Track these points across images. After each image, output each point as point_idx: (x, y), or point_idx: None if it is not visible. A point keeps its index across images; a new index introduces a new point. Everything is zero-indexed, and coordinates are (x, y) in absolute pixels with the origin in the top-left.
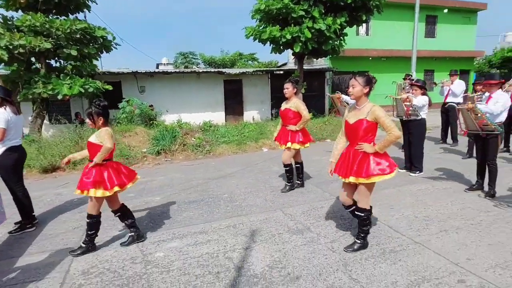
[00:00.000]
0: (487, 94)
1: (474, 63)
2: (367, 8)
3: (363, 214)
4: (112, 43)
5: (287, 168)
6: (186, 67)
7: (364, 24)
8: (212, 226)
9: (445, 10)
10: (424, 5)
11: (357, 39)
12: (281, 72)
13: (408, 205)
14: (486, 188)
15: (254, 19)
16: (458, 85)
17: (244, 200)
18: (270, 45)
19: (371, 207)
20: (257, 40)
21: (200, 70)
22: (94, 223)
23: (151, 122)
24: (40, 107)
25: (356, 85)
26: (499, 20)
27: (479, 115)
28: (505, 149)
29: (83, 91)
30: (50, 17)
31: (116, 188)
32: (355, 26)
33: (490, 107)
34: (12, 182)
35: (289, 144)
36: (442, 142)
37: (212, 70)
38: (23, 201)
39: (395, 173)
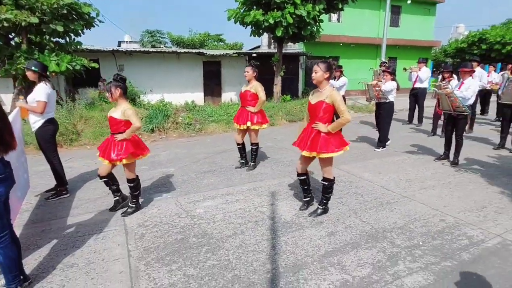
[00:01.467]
0: (452, 82)
1: (432, 52)
2: None
3: (327, 183)
4: (95, 19)
5: (239, 147)
6: (153, 46)
7: (338, 11)
8: (235, 190)
9: (409, 1)
10: None
11: (330, 26)
12: (255, 55)
13: (392, 171)
14: (451, 158)
15: (238, 2)
16: (425, 72)
17: (253, 170)
18: (251, 28)
19: (334, 177)
20: (239, 23)
21: (181, 51)
22: (136, 184)
23: (134, 101)
24: (22, 83)
25: (318, 71)
26: (453, 12)
27: (453, 98)
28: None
29: (70, 68)
30: None
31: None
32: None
33: (463, 92)
34: (49, 152)
35: (248, 124)
36: (409, 122)
37: (193, 50)
38: (59, 170)
39: (343, 151)
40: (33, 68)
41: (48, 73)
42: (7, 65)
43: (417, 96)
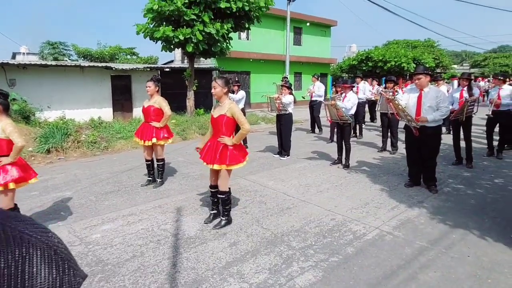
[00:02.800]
0: (343, 94)
1: (330, 68)
2: (248, 17)
3: (224, 196)
4: None
5: (148, 163)
6: (55, 58)
7: (245, 30)
8: (139, 209)
9: (308, 24)
10: (292, 18)
11: (239, 43)
12: (168, 69)
13: (294, 177)
14: (343, 161)
15: (146, 17)
16: (319, 88)
17: (161, 186)
18: (162, 43)
19: (229, 189)
20: (149, 38)
21: (86, 65)
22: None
23: (28, 119)
24: None
25: (217, 86)
26: (348, 33)
27: (338, 109)
28: (353, 135)
29: None
30: None
31: (33, 180)
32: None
33: (345, 103)
34: None
35: (154, 140)
36: (311, 131)
37: (99, 64)
38: None
39: (246, 162)
40: None
41: None
42: None
43: (314, 109)
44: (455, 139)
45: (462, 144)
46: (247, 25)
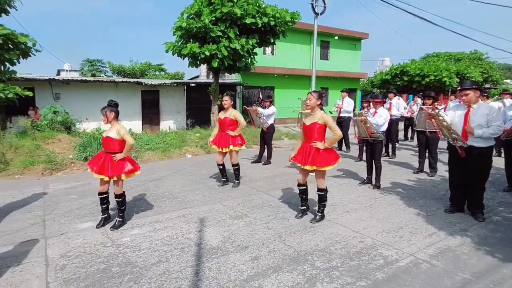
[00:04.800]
0: (372, 110)
1: (360, 83)
2: (274, 32)
3: (322, 193)
4: (32, 49)
5: (221, 167)
6: (93, 75)
7: (270, 45)
8: (164, 217)
9: (336, 37)
10: (319, 32)
11: (264, 58)
12: (194, 84)
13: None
14: (374, 182)
15: (175, 35)
16: (348, 104)
17: (185, 196)
18: (188, 59)
19: (326, 187)
20: (176, 55)
21: (119, 80)
22: (124, 199)
23: (70, 129)
24: None
25: (312, 99)
26: (378, 47)
27: (368, 125)
28: (385, 154)
29: (3, 96)
30: None
31: (138, 172)
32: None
33: (376, 119)
34: None
35: (231, 147)
36: (338, 149)
37: (131, 80)
38: None
39: (337, 164)
40: None
41: None
42: None
43: (342, 125)
44: (508, 162)
45: None
46: (272, 40)
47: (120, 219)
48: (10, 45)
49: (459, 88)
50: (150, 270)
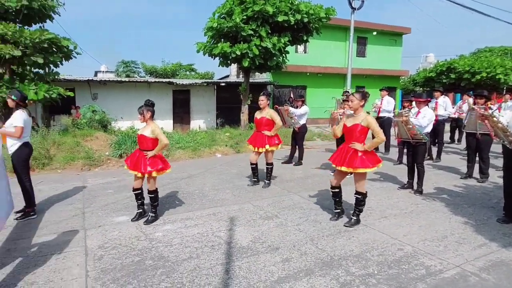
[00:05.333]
0: (413, 110)
1: (400, 81)
2: (307, 29)
3: (360, 196)
4: (73, 52)
5: (253, 166)
6: (127, 75)
7: (303, 43)
8: (195, 214)
9: (374, 33)
10: (356, 28)
11: (296, 56)
12: (224, 84)
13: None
14: (415, 186)
15: (206, 36)
16: (388, 103)
17: (215, 195)
18: (219, 59)
19: (366, 191)
20: (207, 55)
21: (152, 80)
22: (156, 195)
23: (106, 127)
24: (2, 111)
25: (354, 100)
26: (421, 42)
27: (411, 126)
28: (428, 157)
29: (48, 96)
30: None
31: (169, 170)
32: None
33: (419, 120)
34: (23, 174)
35: (267, 147)
36: (377, 151)
37: (163, 80)
38: (29, 191)
39: (376, 168)
40: (12, 97)
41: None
42: None
43: (382, 126)
44: None
45: None
46: (305, 38)
47: (153, 215)
48: (54, 49)
49: None
50: (182, 265)
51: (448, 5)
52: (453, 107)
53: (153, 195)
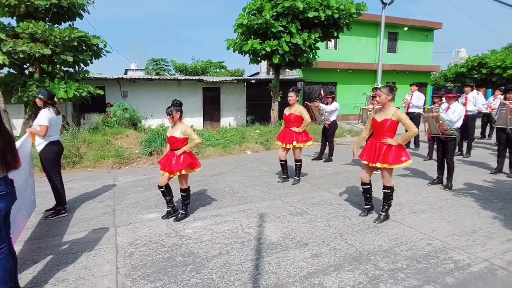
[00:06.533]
0: (443, 106)
1: (431, 77)
2: (337, 25)
3: (388, 191)
4: (103, 50)
5: (283, 163)
6: (157, 73)
7: (334, 39)
8: (225, 211)
9: (405, 28)
10: (387, 23)
11: (326, 53)
12: (254, 81)
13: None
14: (445, 182)
15: (236, 33)
16: (418, 98)
17: (245, 192)
18: (249, 56)
19: (393, 185)
20: (237, 52)
21: (182, 78)
22: (188, 193)
23: (136, 125)
24: (33, 109)
25: (382, 94)
26: (452, 37)
27: (441, 121)
28: (459, 152)
29: (78, 94)
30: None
31: (198, 169)
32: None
33: (449, 115)
34: (52, 172)
35: (294, 143)
36: (406, 146)
37: (193, 77)
38: (59, 190)
39: (410, 162)
40: (40, 95)
41: (56, 99)
42: (20, 92)
43: (412, 121)
44: None
45: None
46: (335, 34)
47: (183, 212)
48: (83, 47)
49: None
50: (212, 261)
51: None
52: (484, 103)
53: (185, 194)
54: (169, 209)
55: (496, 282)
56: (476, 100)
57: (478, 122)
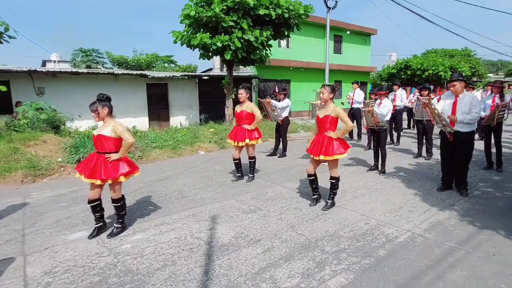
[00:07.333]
0: (378, 101)
1: (370, 77)
2: (288, 25)
3: (334, 181)
4: (4, 35)
5: (236, 161)
6: (88, 66)
7: (285, 38)
8: (172, 218)
9: (348, 32)
10: (332, 26)
11: (279, 51)
12: (206, 77)
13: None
14: (380, 167)
15: (183, 24)
16: (359, 95)
17: (196, 195)
18: (199, 50)
19: (339, 175)
20: (185, 45)
21: (119, 72)
22: (123, 203)
23: (58, 128)
24: None
25: (325, 92)
26: (387, 42)
27: (375, 115)
28: (391, 141)
29: None
30: None
31: (137, 174)
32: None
33: (381, 109)
34: None
35: (247, 141)
36: (350, 138)
37: (134, 72)
38: None
39: (348, 153)
40: None
41: None
42: None
43: (354, 116)
44: (486, 144)
45: (493, 149)
46: (286, 33)
47: (119, 225)
48: None
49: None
50: (154, 276)
51: (405, 11)
52: (407, 99)
53: (118, 204)
54: (100, 224)
55: (415, 248)
56: (402, 96)
57: (405, 115)
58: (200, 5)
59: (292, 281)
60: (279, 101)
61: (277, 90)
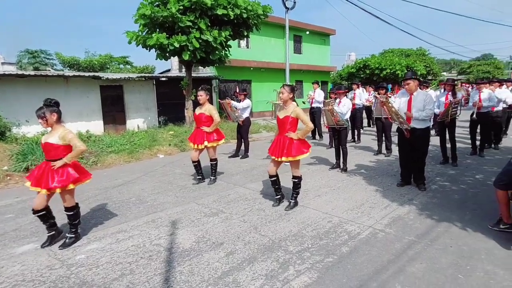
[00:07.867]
0: (337, 100)
1: (330, 76)
2: (247, 25)
3: (296, 180)
4: None
5: (196, 164)
6: (36, 68)
7: (245, 38)
8: (129, 225)
9: (307, 32)
10: (291, 27)
11: (239, 51)
12: (164, 79)
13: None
14: (341, 165)
15: (138, 23)
16: (319, 95)
17: (155, 200)
18: (156, 51)
19: (301, 175)
20: (141, 46)
21: (70, 74)
22: (77, 212)
23: (3, 135)
24: None
25: (285, 92)
26: (346, 43)
27: (335, 114)
28: (352, 140)
29: None
30: None
31: (88, 180)
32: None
33: (341, 108)
34: None
35: (206, 143)
36: (312, 138)
37: (86, 74)
38: None
39: (310, 152)
40: None
41: None
42: None
43: (314, 115)
44: (442, 140)
45: (448, 144)
46: (245, 33)
47: (72, 235)
48: None
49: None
50: (111, 286)
51: (363, 13)
52: (366, 98)
53: (71, 213)
54: (53, 232)
55: (377, 243)
56: (361, 95)
57: (365, 114)
58: (155, 4)
59: (256, 284)
60: (240, 101)
61: (237, 91)
